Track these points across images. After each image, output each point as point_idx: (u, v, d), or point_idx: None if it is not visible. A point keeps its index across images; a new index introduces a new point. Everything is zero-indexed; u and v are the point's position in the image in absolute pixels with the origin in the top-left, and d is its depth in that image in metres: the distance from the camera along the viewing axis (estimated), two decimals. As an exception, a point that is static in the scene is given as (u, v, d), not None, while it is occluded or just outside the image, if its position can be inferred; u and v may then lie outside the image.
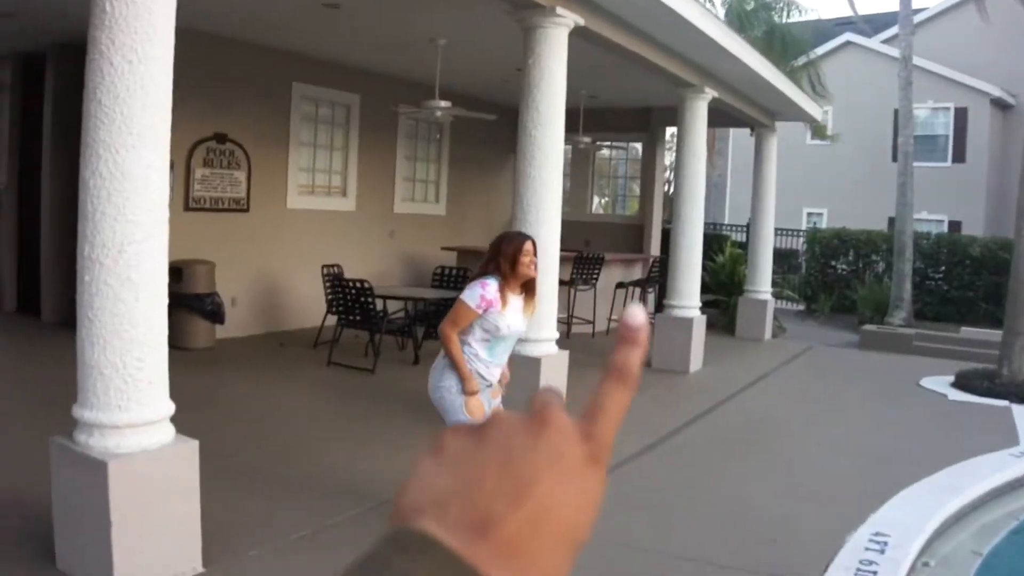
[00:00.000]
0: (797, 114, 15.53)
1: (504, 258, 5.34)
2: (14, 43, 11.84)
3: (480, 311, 5.24)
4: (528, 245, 5.42)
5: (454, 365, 5.29)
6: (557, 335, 8.25)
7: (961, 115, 28.08)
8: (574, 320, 13.78)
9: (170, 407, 4.48)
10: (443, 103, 11.02)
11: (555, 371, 8.10)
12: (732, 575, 5.23)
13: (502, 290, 5.29)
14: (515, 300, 5.38)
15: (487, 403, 5.40)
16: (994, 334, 13.04)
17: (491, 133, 14.54)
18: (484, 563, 0.55)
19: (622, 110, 16.38)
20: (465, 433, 0.62)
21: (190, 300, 10.22)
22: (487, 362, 5.38)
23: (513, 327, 5.37)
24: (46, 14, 10.00)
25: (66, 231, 10.97)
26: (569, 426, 0.63)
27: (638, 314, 0.67)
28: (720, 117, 13.55)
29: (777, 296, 17.01)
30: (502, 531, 0.57)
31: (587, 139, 14.95)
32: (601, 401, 0.67)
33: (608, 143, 17.67)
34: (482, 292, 5.24)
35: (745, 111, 13.74)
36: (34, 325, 11.59)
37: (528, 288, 5.51)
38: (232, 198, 11.58)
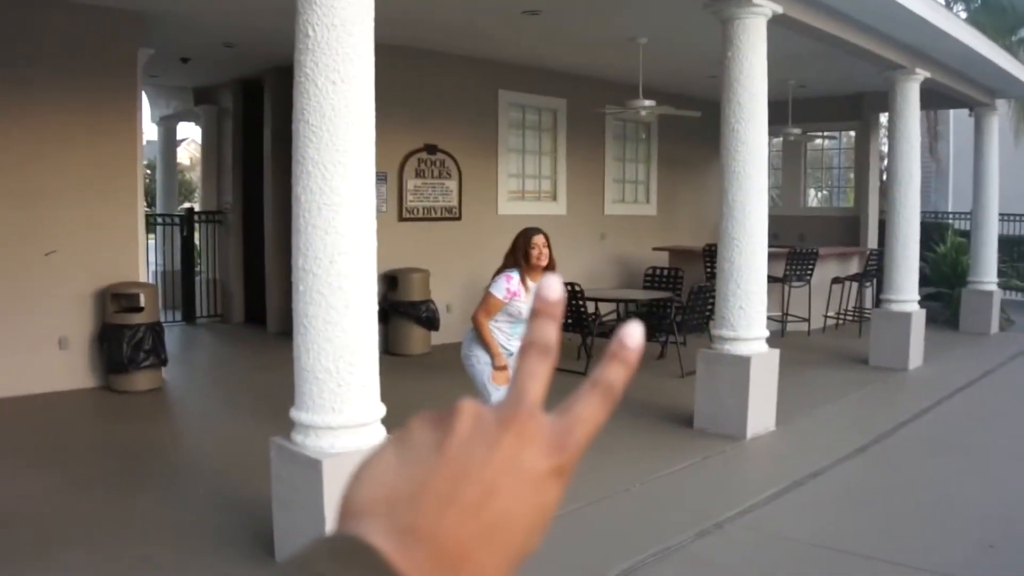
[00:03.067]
0: (1020, 90, 14.78)
1: (518, 252, 6.22)
2: (235, 71, 12.58)
3: (506, 301, 6.08)
4: (538, 238, 6.26)
5: (485, 346, 6.10)
6: (767, 333, 8.11)
7: None
8: (789, 318, 13.51)
9: (381, 409, 4.68)
10: (648, 102, 11.03)
11: (765, 369, 7.99)
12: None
13: (523, 279, 6.15)
14: (535, 286, 5.66)
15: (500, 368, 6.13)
16: None
17: (698, 130, 14.44)
18: (425, 574, 0.54)
19: (832, 98, 15.96)
20: (432, 423, 0.61)
21: (405, 307, 10.57)
22: (509, 335, 6.17)
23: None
24: (262, 42, 10.55)
25: (286, 247, 11.61)
26: (539, 433, 0.61)
27: (635, 334, 0.66)
28: (935, 98, 13.01)
29: (1004, 287, 16.21)
30: (451, 541, 0.55)
31: (797, 130, 14.66)
32: (580, 412, 0.64)
33: (819, 133, 17.27)
34: (507, 285, 6.09)
35: (961, 90, 13.15)
36: (260, 335, 12.25)
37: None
38: (444, 207, 11.91)
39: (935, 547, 5.49)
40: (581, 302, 10.38)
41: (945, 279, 16.00)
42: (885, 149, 18.18)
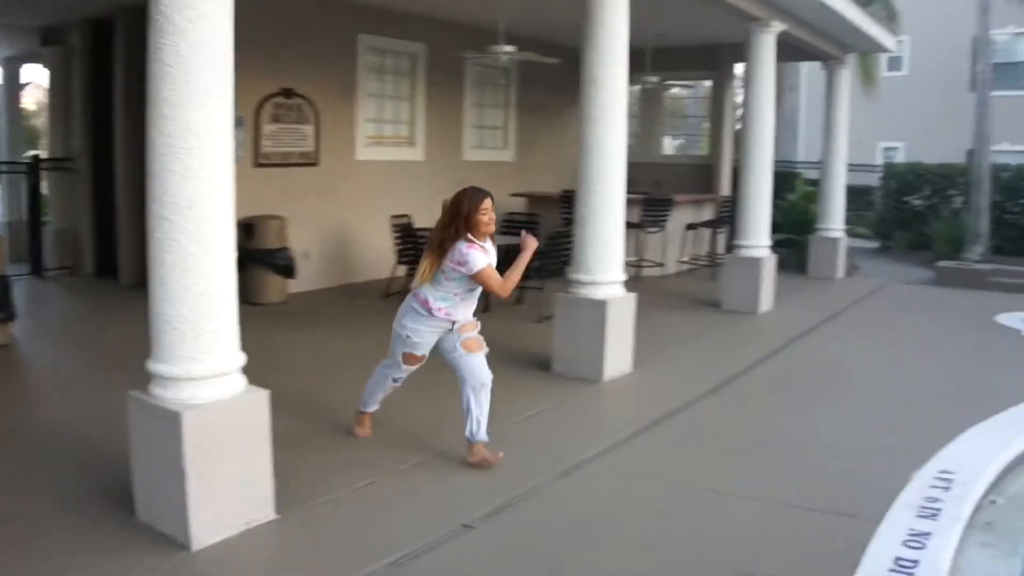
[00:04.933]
0: (870, 45, 15.21)
1: (461, 219, 5.63)
2: (84, 9, 12.01)
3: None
4: (487, 203, 5.70)
5: (517, 271, 5.88)
6: (624, 277, 8.26)
7: (1045, 39, 27.31)
8: (644, 263, 13.76)
9: (241, 358, 4.61)
10: (508, 48, 11.01)
11: (622, 313, 8.16)
12: (791, 513, 5.26)
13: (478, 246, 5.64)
14: (490, 249, 5.82)
15: (454, 338, 5.86)
16: (1076, 269, 12.78)
17: (559, 77, 14.48)
18: None
19: (690, 48, 16.16)
20: None
21: (262, 255, 10.38)
22: (469, 305, 5.90)
23: None
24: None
25: (141, 194, 11.22)
26: None
27: None
28: (790, 51, 13.31)
29: (850, 234, 16.80)
30: None
31: (654, 78, 14.86)
32: None
33: (677, 82, 17.52)
34: (477, 251, 5.60)
35: (815, 44, 13.48)
36: (112, 287, 11.83)
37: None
38: (301, 152, 11.70)
39: (782, 480, 5.72)
40: (441, 248, 10.35)
41: (794, 226, 16.51)
42: (739, 99, 18.57)
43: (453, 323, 5.80)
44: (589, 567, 4.53)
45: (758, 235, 11.75)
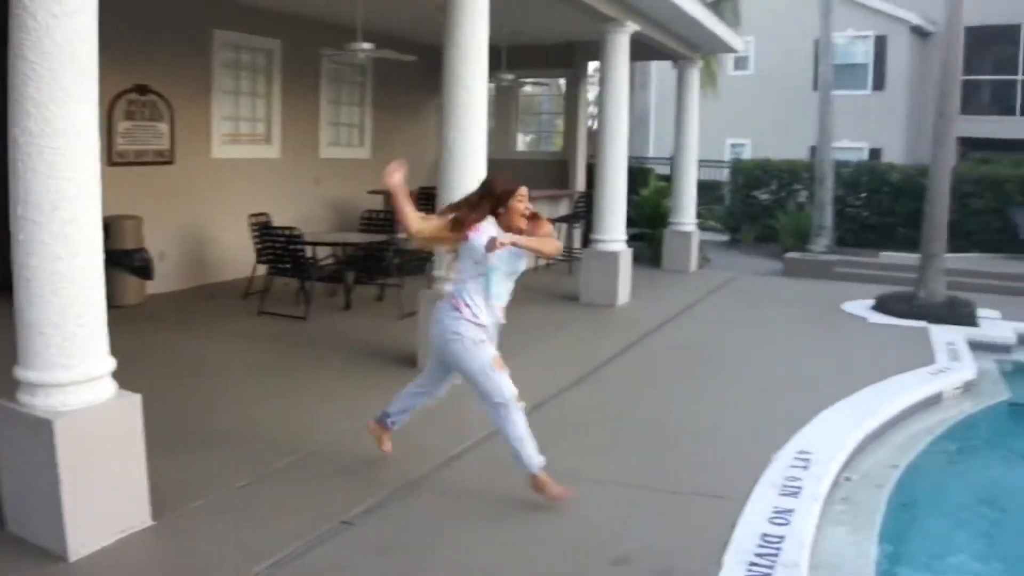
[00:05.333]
0: (719, 46, 15.69)
1: (492, 201, 5.27)
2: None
3: (478, 247, 5.13)
4: (524, 190, 5.35)
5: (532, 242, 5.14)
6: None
7: (881, 43, 28.67)
8: (502, 258, 13.84)
9: (111, 362, 4.52)
10: (365, 45, 10.97)
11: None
12: (661, 497, 5.42)
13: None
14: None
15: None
16: (912, 258, 13.41)
17: (416, 74, 14.50)
18: None
19: (545, 46, 16.39)
20: None
21: (118, 256, 10.10)
22: (483, 300, 5.33)
23: (505, 257, 5.26)
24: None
25: (1, 194, 10.84)
26: None
27: None
28: (643, 50, 13.62)
29: (701, 228, 17.26)
30: None
31: (510, 76, 14.98)
32: None
33: (532, 79, 17.71)
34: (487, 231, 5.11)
35: (667, 44, 13.83)
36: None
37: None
38: (156, 150, 11.44)
39: (649, 466, 5.90)
40: (299, 246, 10.31)
41: (648, 220, 16.87)
42: (592, 96, 18.89)
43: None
44: (464, 558, 4.60)
45: (614, 229, 12.00)
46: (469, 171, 7.99)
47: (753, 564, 4.53)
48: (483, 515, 5.15)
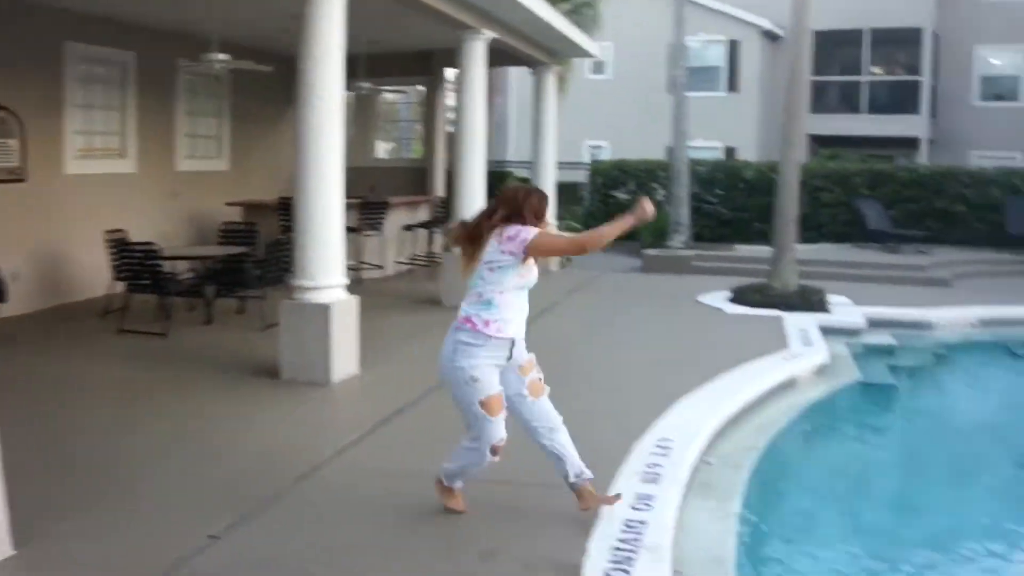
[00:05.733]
0: (576, 51, 15.96)
1: (530, 211, 4.94)
2: None
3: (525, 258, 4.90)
4: (546, 197, 5.13)
5: (614, 229, 4.98)
6: (346, 281, 8.38)
7: (734, 47, 29.83)
8: (364, 266, 13.89)
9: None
10: (220, 56, 10.87)
11: (345, 316, 8.29)
12: (527, 490, 5.52)
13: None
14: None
15: (517, 381, 5.06)
16: (767, 250, 13.86)
17: (273, 85, 14.38)
18: None
19: (403, 54, 16.42)
20: None
21: (-32, 278, 9.83)
22: (517, 309, 5.05)
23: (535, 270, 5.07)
24: None
25: None
26: None
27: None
28: (500, 57, 13.76)
29: (561, 228, 17.48)
30: None
31: (368, 84, 15.00)
32: None
33: (390, 88, 17.75)
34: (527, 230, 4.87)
35: (524, 50, 14.01)
36: None
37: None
38: (5, 168, 11.05)
39: (514, 460, 5.92)
40: (157, 262, 10.16)
41: (508, 223, 16.97)
42: (451, 103, 18.99)
43: (512, 345, 5.02)
44: (336, 566, 4.63)
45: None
46: (325, 180, 8.04)
47: (617, 549, 4.66)
48: (350, 519, 5.17)
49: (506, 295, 4.91)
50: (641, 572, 4.44)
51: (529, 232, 4.83)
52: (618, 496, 5.28)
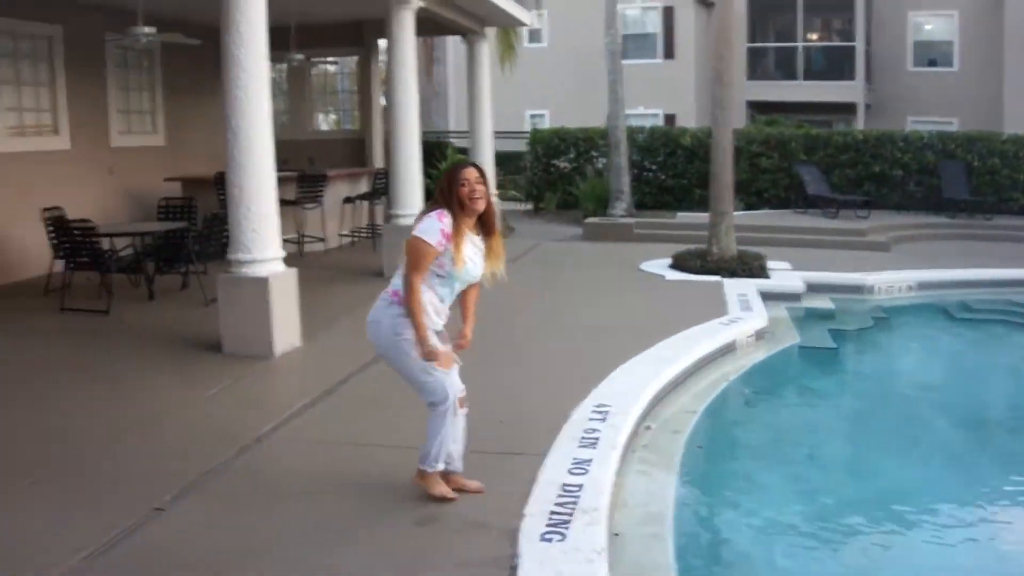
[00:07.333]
0: (508, 20, 15.92)
1: (445, 193, 4.78)
2: None
3: (441, 248, 4.70)
4: (468, 172, 4.80)
5: (412, 324, 4.72)
6: (284, 254, 8.37)
7: (669, 14, 29.72)
8: (305, 238, 13.85)
9: None
10: (147, 29, 10.75)
11: (285, 289, 8.31)
12: (467, 458, 5.55)
13: (456, 225, 4.74)
14: (472, 238, 4.92)
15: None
16: (706, 217, 13.94)
17: (205, 58, 14.19)
18: None
19: (334, 25, 16.35)
20: None
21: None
22: (439, 301, 4.91)
23: (470, 266, 4.89)
24: None
25: None
26: None
27: None
28: (431, 26, 13.76)
29: (503, 198, 17.54)
30: None
31: (300, 56, 14.91)
32: None
33: (322, 59, 17.65)
34: (440, 225, 4.68)
35: (454, 19, 13.98)
36: None
37: (486, 227, 5.01)
38: (-70, 148, 10.94)
39: (471, 431, 6.01)
40: (96, 239, 10.07)
41: (445, 192, 16.97)
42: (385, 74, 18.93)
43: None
44: (280, 534, 4.66)
45: (412, 203, 12.08)
46: (256, 152, 8.01)
47: (554, 513, 4.72)
48: (291, 492, 5.20)
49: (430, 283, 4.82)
50: (577, 534, 4.50)
51: (421, 229, 4.70)
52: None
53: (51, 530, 4.67)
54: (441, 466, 5.01)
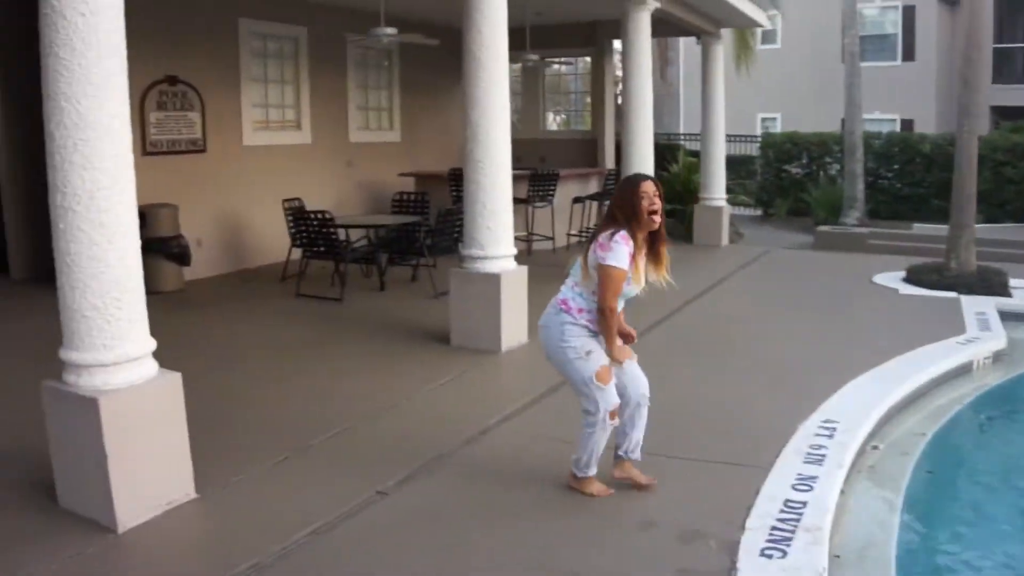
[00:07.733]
0: (742, 20, 15.66)
1: (625, 207, 4.77)
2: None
3: (630, 272, 4.73)
4: (647, 186, 4.78)
5: (606, 338, 4.88)
6: (515, 251, 8.47)
7: (909, 13, 28.37)
8: (534, 237, 14.00)
9: (151, 343, 4.68)
10: (388, 30, 11.09)
11: (515, 286, 8.39)
12: (687, 465, 5.52)
13: (636, 243, 4.74)
14: (640, 255, 4.87)
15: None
16: (944, 229, 13.33)
17: (441, 57, 14.58)
18: None
19: (568, 25, 16.47)
20: None
21: (156, 244, 10.31)
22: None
23: (643, 280, 4.94)
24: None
25: (24, 186, 10.97)
26: None
27: None
28: (666, 27, 13.66)
29: (733, 203, 17.28)
30: None
31: (535, 56, 15.06)
32: None
33: (556, 59, 17.76)
34: (628, 249, 4.67)
35: (690, 20, 13.85)
36: (3, 283, 11.50)
37: (653, 244, 4.96)
38: (188, 139, 11.64)
39: (678, 436, 5.97)
40: (332, 230, 10.47)
41: (678, 196, 16.88)
42: (619, 74, 18.92)
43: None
44: (495, 525, 4.73)
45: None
46: (493, 150, 8.13)
47: (775, 528, 4.62)
48: (513, 485, 5.27)
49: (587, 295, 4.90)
50: (798, 553, 4.39)
51: (610, 256, 4.68)
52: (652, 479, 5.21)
53: (276, 506, 4.91)
54: (593, 471, 5.08)
